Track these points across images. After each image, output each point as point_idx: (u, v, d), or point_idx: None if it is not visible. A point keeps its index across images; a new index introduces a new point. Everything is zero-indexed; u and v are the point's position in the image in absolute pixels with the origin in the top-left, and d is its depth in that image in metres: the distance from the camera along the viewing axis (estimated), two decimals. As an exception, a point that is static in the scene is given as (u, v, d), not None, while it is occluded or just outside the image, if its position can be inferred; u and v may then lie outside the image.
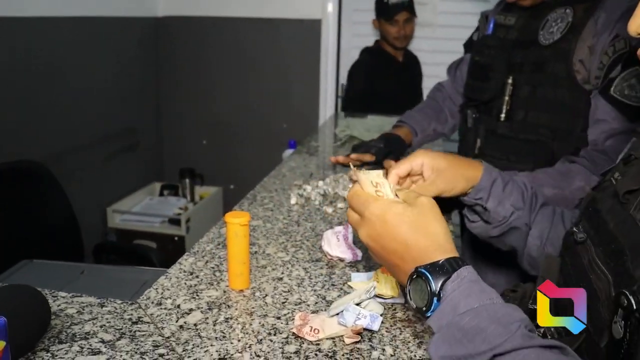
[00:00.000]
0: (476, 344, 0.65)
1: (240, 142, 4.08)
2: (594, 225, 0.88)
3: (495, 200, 1.05)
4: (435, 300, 0.71)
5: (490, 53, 1.72)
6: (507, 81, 1.64)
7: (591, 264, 0.83)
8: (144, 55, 3.96)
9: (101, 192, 3.56)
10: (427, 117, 2.04)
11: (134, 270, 1.46)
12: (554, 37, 1.54)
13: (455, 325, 0.68)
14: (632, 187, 0.81)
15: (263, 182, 1.77)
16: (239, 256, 1.06)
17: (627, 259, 0.73)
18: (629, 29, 0.79)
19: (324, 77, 3.87)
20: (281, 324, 0.95)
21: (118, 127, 3.66)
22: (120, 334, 0.91)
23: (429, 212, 0.79)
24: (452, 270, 0.72)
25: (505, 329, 0.65)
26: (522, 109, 1.62)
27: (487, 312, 0.67)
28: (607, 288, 0.76)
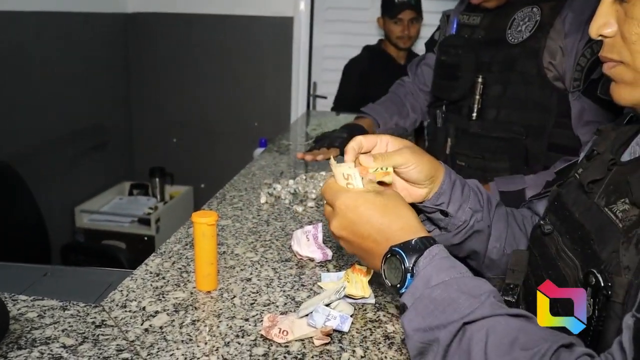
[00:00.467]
0: (447, 314, 0.69)
1: (211, 141, 4.05)
2: (560, 217, 0.92)
3: (456, 204, 1.03)
4: (408, 277, 0.75)
5: (457, 53, 1.73)
6: (477, 80, 1.66)
7: (559, 252, 0.87)
8: (113, 52, 3.90)
9: (69, 192, 3.50)
10: (389, 110, 2.05)
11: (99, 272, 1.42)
12: (523, 36, 1.57)
13: (427, 297, 0.72)
14: (596, 176, 0.86)
15: (233, 180, 1.75)
16: (207, 257, 1.03)
17: (594, 242, 0.77)
18: (590, 31, 0.84)
19: (296, 75, 3.86)
20: (249, 326, 0.93)
21: (86, 125, 3.59)
22: (83, 338, 0.88)
23: (398, 198, 0.84)
24: (424, 247, 0.76)
25: (475, 299, 0.69)
26: (493, 107, 1.65)
27: (457, 284, 0.71)
28: (574, 272, 0.80)
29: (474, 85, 1.67)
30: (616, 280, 0.69)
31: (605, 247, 0.74)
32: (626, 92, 0.82)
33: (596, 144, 0.95)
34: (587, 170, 0.91)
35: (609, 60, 0.83)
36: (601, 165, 0.87)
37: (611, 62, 0.83)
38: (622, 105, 0.85)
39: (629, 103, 0.83)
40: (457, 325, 0.67)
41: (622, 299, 0.68)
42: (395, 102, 2.09)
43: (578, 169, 0.96)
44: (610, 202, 0.79)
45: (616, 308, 0.69)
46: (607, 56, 0.83)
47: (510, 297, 0.96)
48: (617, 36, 0.80)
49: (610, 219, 0.76)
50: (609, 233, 0.75)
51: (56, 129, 3.29)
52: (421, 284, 0.74)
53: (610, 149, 0.89)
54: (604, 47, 0.84)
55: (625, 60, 0.79)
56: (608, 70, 0.84)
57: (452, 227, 1.05)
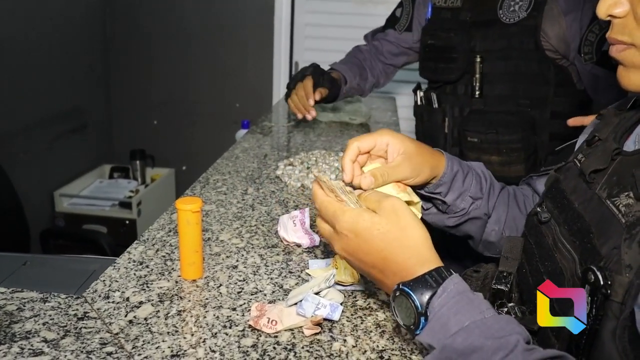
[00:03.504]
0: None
1: (192, 122, 4.00)
2: (557, 205, 0.89)
3: (455, 194, 1.01)
4: (422, 320, 0.68)
5: (449, 35, 1.82)
6: (475, 60, 1.75)
7: (556, 242, 0.84)
8: (91, 31, 3.82)
9: (48, 176, 3.44)
10: (352, 70, 2.16)
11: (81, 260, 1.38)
12: (519, 15, 1.69)
13: (449, 348, 0.65)
14: (599, 166, 0.81)
15: (216, 164, 1.72)
16: (191, 244, 1.00)
17: (593, 236, 0.74)
18: (598, 11, 0.78)
19: (278, 55, 3.80)
20: (237, 316, 0.91)
21: (64, 107, 3.52)
22: (65, 331, 0.85)
23: (401, 219, 0.74)
24: (436, 284, 0.69)
25: (504, 345, 0.62)
26: (494, 83, 1.76)
27: (479, 329, 0.65)
28: (572, 266, 0.77)
29: (472, 65, 1.76)
30: (616, 279, 0.66)
31: (606, 242, 0.71)
32: (636, 77, 0.77)
33: (598, 129, 0.92)
34: (588, 157, 0.87)
35: (618, 43, 0.78)
36: (604, 154, 0.83)
37: (621, 44, 0.77)
38: (631, 91, 0.80)
39: (639, 89, 0.78)
40: None
41: (621, 298, 0.65)
42: (356, 64, 2.19)
43: (578, 154, 0.92)
44: (613, 194, 0.75)
45: (614, 307, 0.66)
46: (617, 38, 0.77)
47: (503, 285, 0.93)
48: (629, 16, 0.75)
49: (613, 213, 0.73)
50: (610, 227, 0.72)
51: (32, 111, 3.22)
52: (438, 326, 0.67)
53: (613, 136, 0.86)
54: (612, 28, 0.78)
55: (637, 43, 0.75)
56: (617, 54, 0.79)
57: (449, 211, 1.04)
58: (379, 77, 2.22)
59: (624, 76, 0.79)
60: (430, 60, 1.93)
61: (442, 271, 0.70)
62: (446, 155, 1.00)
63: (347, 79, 2.11)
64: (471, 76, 1.78)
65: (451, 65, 1.82)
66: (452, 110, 1.87)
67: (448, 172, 0.98)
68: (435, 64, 1.89)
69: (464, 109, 1.84)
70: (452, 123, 1.88)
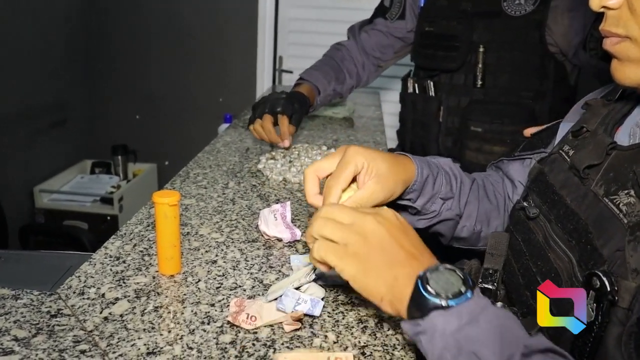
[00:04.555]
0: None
1: (174, 117, 3.96)
2: (547, 200, 0.86)
3: (425, 198, 0.99)
4: (469, 294, 0.63)
5: (451, 24, 1.82)
6: (479, 49, 1.76)
7: (547, 241, 0.81)
8: (73, 24, 3.76)
9: (27, 171, 3.39)
10: (327, 76, 2.03)
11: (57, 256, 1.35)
12: (526, 9, 1.71)
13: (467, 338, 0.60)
14: (593, 161, 0.78)
15: (196, 158, 1.69)
16: (169, 239, 0.98)
17: (593, 236, 0.70)
18: (591, 3, 0.75)
19: (262, 49, 3.78)
20: (215, 312, 0.89)
21: (45, 101, 3.48)
22: (37, 329, 0.82)
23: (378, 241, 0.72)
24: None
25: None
26: (497, 74, 1.77)
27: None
28: (569, 267, 0.74)
29: (475, 55, 1.77)
30: (622, 284, 0.63)
31: (607, 243, 0.68)
32: (631, 71, 0.74)
33: (585, 119, 0.89)
34: (579, 151, 0.84)
35: (612, 35, 0.75)
36: (597, 148, 0.80)
37: (615, 37, 0.75)
38: (626, 86, 0.78)
39: (634, 84, 0.75)
40: None
41: (627, 304, 0.62)
42: (332, 67, 2.06)
43: (563, 145, 0.90)
44: (611, 192, 0.72)
45: (620, 314, 0.63)
46: (611, 30, 0.74)
47: (490, 284, 0.91)
48: (623, 8, 0.72)
49: (612, 212, 0.70)
50: (610, 228, 0.69)
51: (11, 105, 3.17)
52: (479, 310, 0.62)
53: (603, 128, 0.83)
54: (606, 20, 0.75)
55: (632, 36, 0.72)
56: (611, 47, 0.76)
57: (420, 214, 1.02)
58: (361, 75, 2.13)
59: (618, 70, 0.76)
60: (428, 47, 1.91)
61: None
62: (415, 160, 0.96)
63: (321, 89, 1.99)
64: (473, 66, 1.79)
65: (452, 53, 1.82)
66: (448, 100, 1.86)
67: (419, 179, 0.95)
68: (434, 52, 1.88)
69: (462, 99, 1.84)
70: (447, 112, 1.88)
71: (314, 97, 1.95)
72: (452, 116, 1.87)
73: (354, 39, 2.14)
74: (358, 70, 2.11)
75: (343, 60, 2.09)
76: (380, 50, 2.11)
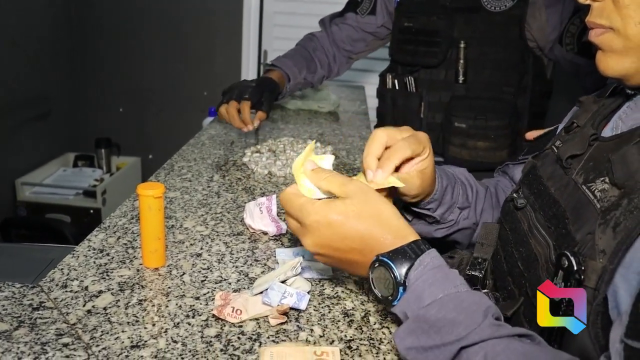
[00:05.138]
0: (443, 334, 0.64)
1: (158, 110, 3.93)
2: (534, 191, 0.88)
3: (444, 208, 1.00)
4: (400, 290, 0.70)
5: (430, 20, 1.83)
6: (460, 45, 1.77)
7: (531, 228, 0.83)
8: (56, 17, 3.72)
9: (9, 164, 3.35)
10: (298, 64, 2.04)
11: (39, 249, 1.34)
12: (506, 5, 1.73)
13: (422, 318, 0.67)
14: (575, 152, 0.80)
15: (181, 151, 1.68)
16: (153, 231, 0.97)
17: (569, 221, 0.73)
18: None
19: (246, 43, 3.75)
20: (200, 305, 0.88)
21: (28, 93, 3.43)
22: (19, 322, 0.81)
23: (369, 198, 0.75)
24: (414, 256, 0.70)
25: (472, 319, 0.64)
26: (479, 70, 1.79)
27: (452, 302, 0.67)
28: (546, 252, 0.76)
29: (456, 51, 1.78)
30: (590, 264, 0.65)
31: (581, 228, 0.70)
32: (614, 61, 0.76)
33: (576, 116, 0.91)
34: (566, 144, 0.86)
35: (597, 27, 0.77)
36: (581, 140, 0.82)
37: (599, 28, 0.77)
38: (609, 76, 0.79)
39: (617, 74, 0.77)
40: (453, 348, 0.63)
41: (594, 284, 0.65)
42: (304, 56, 2.08)
43: (556, 141, 0.91)
44: (589, 180, 0.74)
45: (587, 293, 0.66)
46: (596, 22, 0.77)
47: (477, 271, 0.92)
48: (608, 0, 0.74)
49: (588, 199, 0.72)
50: (585, 213, 0.71)
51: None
52: (413, 297, 0.69)
53: (591, 123, 0.85)
54: (591, 12, 0.78)
55: (615, 27, 0.74)
56: (595, 38, 0.78)
57: (438, 223, 1.02)
58: (332, 66, 2.14)
59: (602, 61, 0.78)
60: (408, 43, 1.91)
61: (420, 244, 0.72)
62: (438, 169, 0.97)
63: (291, 77, 2.01)
64: (454, 62, 1.80)
65: (433, 49, 1.82)
66: (429, 95, 1.87)
67: (439, 189, 0.96)
68: (415, 47, 1.88)
69: (443, 94, 1.84)
70: (428, 108, 1.88)
71: (283, 84, 1.97)
72: (434, 112, 1.88)
73: (325, 31, 2.15)
74: (329, 62, 2.13)
75: (315, 50, 2.10)
76: (350, 43, 2.12)
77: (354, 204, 0.74)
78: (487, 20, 1.75)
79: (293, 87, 2.04)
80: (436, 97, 1.86)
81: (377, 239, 0.73)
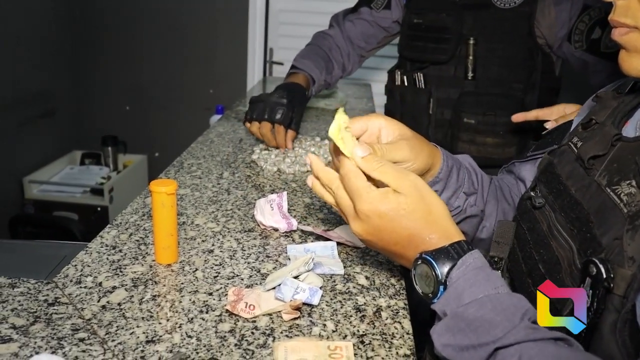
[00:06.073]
0: (480, 334, 0.65)
1: (165, 108, 3.94)
2: (552, 190, 0.86)
3: (449, 191, 0.98)
4: (441, 288, 0.71)
5: (440, 16, 1.84)
6: (469, 42, 1.78)
7: (551, 229, 0.81)
8: (60, 14, 3.73)
9: (16, 162, 3.37)
10: (318, 65, 1.99)
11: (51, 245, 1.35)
12: (515, 2, 1.74)
13: (460, 316, 0.67)
14: (598, 152, 0.78)
15: (190, 148, 1.68)
16: (166, 228, 0.98)
17: (593, 225, 0.71)
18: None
19: (252, 41, 3.76)
20: (213, 301, 0.89)
21: (34, 92, 3.45)
22: (35, 317, 0.82)
23: (424, 196, 0.76)
24: (457, 256, 0.71)
25: (509, 321, 0.64)
26: (488, 66, 1.80)
27: (491, 302, 0.67)
28: (570, 256, 0.74)
29: (465, 47, 1.79)
30: (618, 271, 0.64)
31: (606, 232, 0.69)
32: (639, 61, 0.74)
33: (594, 111, 0.89)
34: (586, 143, 0.84)
35: (621, 26, 0.75)
36: (603, 139, 0.80)
37: (624, 27, 0.75)
38: (633, 76, 0.78)
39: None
40: (488, 349, 0.64)
41: (623, 291, 0.63)
42: (322, 57, 2.03)
43: (572, 137, 0.89)
44: (613, 182, 0.72)
45: (615, 301, 0.64)
46: (620, 20, 0.75)
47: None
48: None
49: (614, 202, 0.70)
50: (610, 217, 0.70)
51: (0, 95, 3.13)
52: (453, 296, 0.69)
53: (611, 120, 0.83)
54: (615, 10, 0.76)
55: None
56: (619, 37, 0.76)
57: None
58: (347, 65, 2.13)
59: (625, 60, 0.77)
60: (417, 39, 1.91)
61: (463, 245, 0.73)
62: (440, 149, 0.96)
63: (315, 79, 1.95)
64: (463, 58, 1.80)
65: (443, 45, 1.83)
66: (438, 92, 1.88)
67: (444, 167, 0.94)
68: (424, 44, 1.89)
69: (451, 91, 1.85)
70: (437, 104, 1.89)
71: (309, 88, 1.92)
72: (442, 108, 1.88)
73: (338, 28, 2.12)
74: (344, 61, 2.11)
75: (331, 49, 2.08)
76: (364, 39, 2.11)
77: (407, 202, 0.74)
78: (496, 16, 1.76)
79: (316, 89, 1.99)
80: (445, 93, 1.86)
81: (423, 238, 0.74)
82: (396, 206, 0.74)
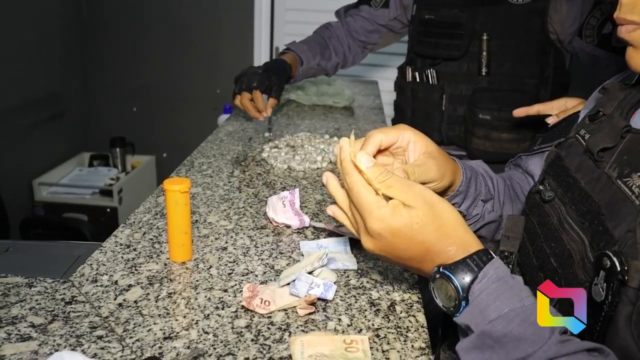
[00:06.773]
0: (509, 351, 0.63)
1: (172, 109, 3.95)
2: (562, 183, 0.85)
3: (469, 201, 0.98)
4: (463, 304, 0.68)
5: (453, 12, 1.84)
6: (483, 37, 1.78)
7: (562, 223, 0.80)
8: (68, 16, 3.74)
9: (26, 164, 3.38)
10: (312, 49, 2.10)
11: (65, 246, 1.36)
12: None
13: (487, 334, 0.65)
14: (607, 144, 0.78)
15: (200, 147, 1.69)
16: (180, 226, 0.99)
17: (605, 218, 0.70)
18: None
19: (258, 40, 3.76)
20: (229, 297, 0.89)
21: (42, 94, 3.46)
22: (53, 316, 0.83)
23: (435, 207, 0.72)
24: (477, 269, 0.68)
25: (539, 336, 0.62)
26: (501, 62, 1.80)
27: (518, 317, 0.64)
28: (581, 249, 0.74)
29: (479, 43, 1.79)
30: (632, 264, 0.63)
31: (619, 225, 0.68)
32: None
33: (601, 103, 0.89)
34: (594, 135, 0.83)
35: (627, 23, 0.74)
36: (612, 131, 0.79)
37: (630, 24, 0.74)
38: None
39: None
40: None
41: (637, 284, 0.63)
42: (319, 43, 2.13)
43: (580, 129, 0.89)
44: (624, 174, 0.72)
45: (629, 293, 0.63)
46: (626, 18, 0.74)
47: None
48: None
49: (625, 194, 0.70)
50: (622, 209, 0.69)
51: (8, 98, 3.15)
52: (477, 311, 0.66)
53: (619, 112, 0.83)
54: (621, 8, 0.75)
55: None
56: (626, 34, 0.75)
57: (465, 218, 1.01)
58: (347, 55, 2.18)
59: (633, 57, 0.75)
60: (429, 35, 1.92)
61: (482, 255, 0.69)
62: (458, 161, 0.96)
63: (304, 60, 2.05)
64: (477, 54, 1.80)
65: (456, 41, 1.83)
66: (451, 88, 1.88)
67: (464, 180, 0.94)
68: (436, 40, 1.89)
69: (464, 87, 1.85)
70: (450, 100, 1.89)
71: (296, 67, 2.02)
72: (455, 104, 1.88)
73: (340, 21, 2.19)
74: (344, 50, 2.17)
75: (330, 38, 2.15)
76: (365, 34, 2.16)
77: (418, 216, 0.70)
78: (509, 12, 1.76)
79: (306, 71, 2.08)
80: (458, 89, 1.87)
81: (440, 251, 0.71)
82: (408, 221, 0.70)
